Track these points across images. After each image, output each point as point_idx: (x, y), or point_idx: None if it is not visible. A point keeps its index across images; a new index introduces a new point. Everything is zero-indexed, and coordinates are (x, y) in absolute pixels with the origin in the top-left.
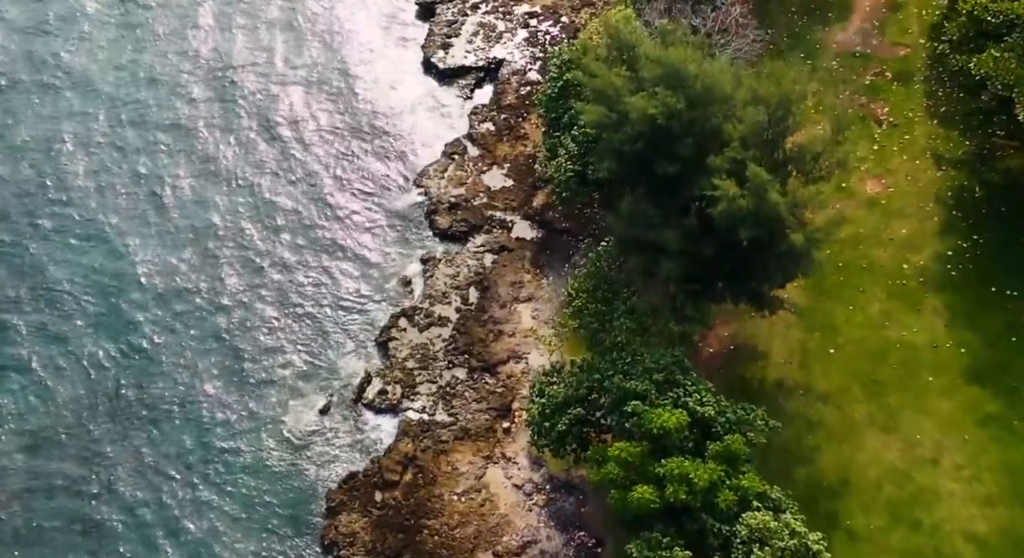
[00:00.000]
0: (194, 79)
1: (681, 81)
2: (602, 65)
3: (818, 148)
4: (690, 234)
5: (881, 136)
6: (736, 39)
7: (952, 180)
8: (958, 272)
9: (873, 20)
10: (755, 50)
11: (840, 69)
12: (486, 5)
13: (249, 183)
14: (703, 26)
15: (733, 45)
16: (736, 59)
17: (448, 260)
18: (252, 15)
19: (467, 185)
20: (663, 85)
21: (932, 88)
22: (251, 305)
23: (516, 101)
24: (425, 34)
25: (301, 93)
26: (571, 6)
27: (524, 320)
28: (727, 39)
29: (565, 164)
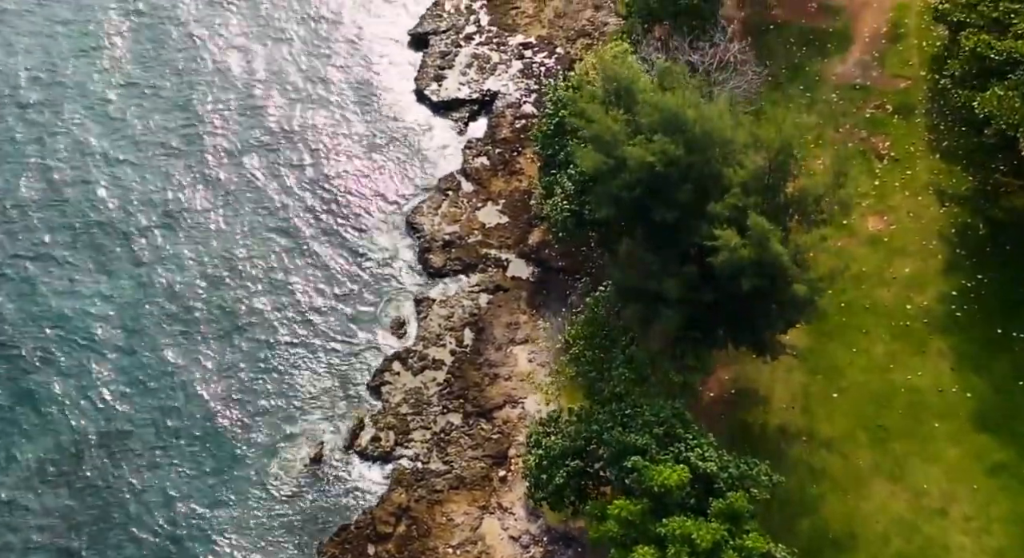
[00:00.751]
0: (176, 121)
1: (679, 126)
2: (598, 108)
3: (819, 191)
4: (690, 282)
5: (882, 171)
6: (735, 77)
7: (955, 217)
8: (963, 313)
9: (873, 51)
10: (755, 87)
11: (840, 102)
12: (480, 36)
13: (233, 221)
14: (701, 63)
15: (732, 83)
16: (735, 97)
17: (442, 301)
18: (243, 46)
19: (461, 222)
20: (661, 131)
21: (934, 121)
22: (237, 347)
23: (511, 135)
24: (418, 66)
25: (289, 128)
26: (566, 37)
27: (520, 363)
28: (726, 76)
29: (561, 203)
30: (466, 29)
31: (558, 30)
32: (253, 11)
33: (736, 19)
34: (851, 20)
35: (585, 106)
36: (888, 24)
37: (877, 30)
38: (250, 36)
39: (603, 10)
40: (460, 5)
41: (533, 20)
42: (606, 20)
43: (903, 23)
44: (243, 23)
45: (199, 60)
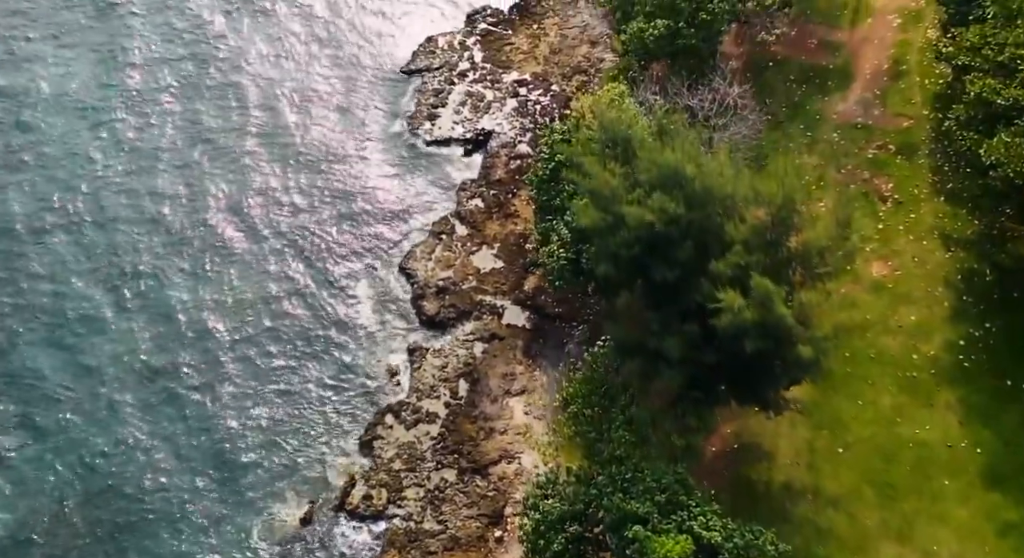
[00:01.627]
0: (165, 164)
1: (679, 182)
2: (595, 161)
3: (823, 243)
4: (691, 341)
5: (886, 214)
6: (735, 122)
7: (961, 262)
8: (971, 363)
9: (874, 89)
10: (756, 131)
11: (841, 142)
12: (474, 73)
13: (221, 267)
14: (700, 108)
15: (732, 128)
16: (736, 144)
17: (436, 350)
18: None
19: (455, 267)
20: (660, 188)
21: (938, 162)
22: (226, 400)
23: (506, 176)
24: (411, 104)
25: (277, 169)
26: (561, 74)
27: (516, 416)
28: (726, 120)
29: (558, 251)
30: (459, 66)
31: (553, 67)
32: (237, 54)
33: (734, 55)
34: (852, 57)
35: (582, 160)
36: (889, 61)
37: (878, 67)
38: (232, 80)
39: (599, 46)
40: (453, 41)
41: (528, 56)
42: (602, 56)
43: (905, 60)
44: (226, 66)
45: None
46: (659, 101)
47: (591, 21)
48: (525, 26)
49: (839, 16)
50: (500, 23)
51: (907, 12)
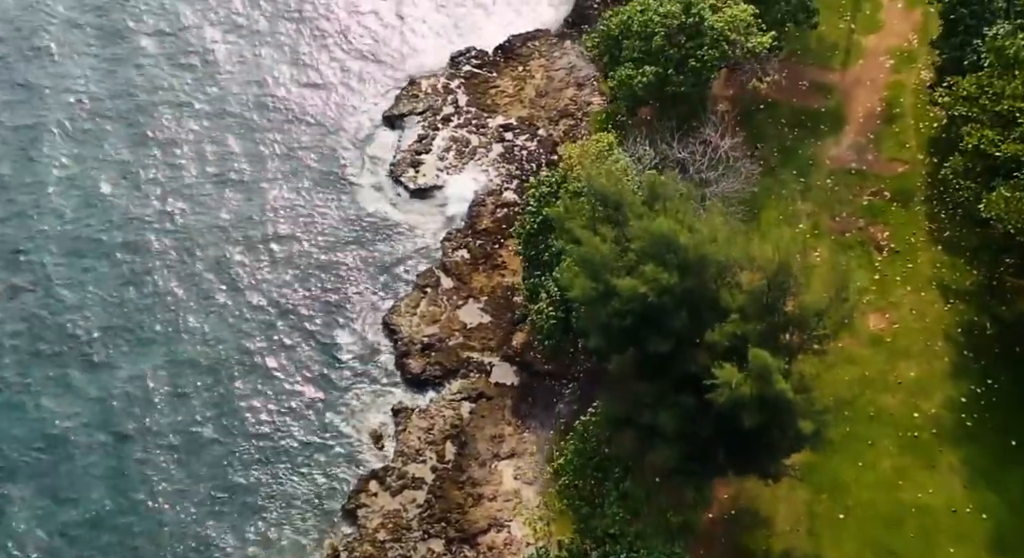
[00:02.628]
0: (140, 216)
1: (672, 250)
2: (584, 225)
3: (821, 306)
4: (687, 414)
5: (882, 264)
6: (728, 175)
7: (961, 315)
8: (973, 422)
9: (868, 133)
10: (749, 184)
11: (835, 188)
12: (458, 117)
13: (197, 325)
14: (692, 162)
15: (725, 183)
16: (729, 199)
17: (422, 410)
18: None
19: (441, 322)
20: (653, 257)
21: (934, 209)
22: (201, 466)
23: (492, 225)
24: (394, 151)
25: (255, 220)
26: (548, 118)
27: (506, 480)
28: (718, 174)
29: (547, 310)
30: (443, 110)
31: (539, 110)
32: (215, 100)
33: (724, 97)
34: (844, 99)
35: (572, 224)
36: (883, 103)
37: (871, 110)
38: (206, 126)
39: (586, 88)
40: (437, 84)
41: (513, 100)
42: (589, 99)
43: (898, 102)
44: (201, 113)
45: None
46: (648, 152)
47: (578, 62)
48: (510, 68)
49: (830, 57)
50: (485, 65)
51: (899, 53)
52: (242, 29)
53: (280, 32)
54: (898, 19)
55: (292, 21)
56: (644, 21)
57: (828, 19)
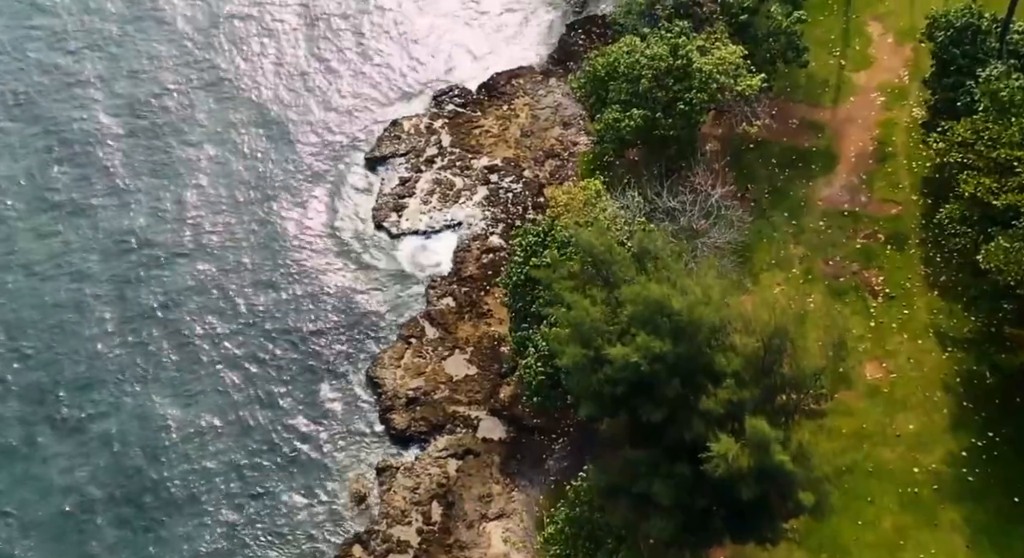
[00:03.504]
0: (104, 272)
1: (665, 315)
2: (574, 288)
3: (819, 366)
4: (683, 484)
5: (878, 310)
6: (719, 226)
7: (960, 363)
8: (975, 477)
9: (860, 173)
10: (741, 236)
11: (828, 230)
12: (442, 159)
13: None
14: (682, 212)
15: (716, 234)
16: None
17: (407, 468)
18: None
19: (426, 374)
20: (645, 324)
21: (929, 253)
22: (178, 530)
23: (477, 271)
24: (376, 194)
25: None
26: (534, 158)
27: (495, 543)
28: (710, 222)
29: (535, 365)
30: (427, 151)
31: (525, 150)
32: (187, 146)
33: (713, 136)
34: (835, 137)
35: (560, 287)
36: (874, 142)
37: (863, 149)
38: (181, 172)
39: (572, 127)
40: (420, 125)
41: (498, 140)
42: (575, 139)
43: (890, 141)
44: (175, 162)
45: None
46: (637, 200)
47: (563, 101)
48: (494, 107)
49: (821, 94)
50: (468, 104)
51: (890, 89)
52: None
53: (257, 73)
54: (888, 54)
55: (270, 62)
56: (631, 63)
57: (818, 55)
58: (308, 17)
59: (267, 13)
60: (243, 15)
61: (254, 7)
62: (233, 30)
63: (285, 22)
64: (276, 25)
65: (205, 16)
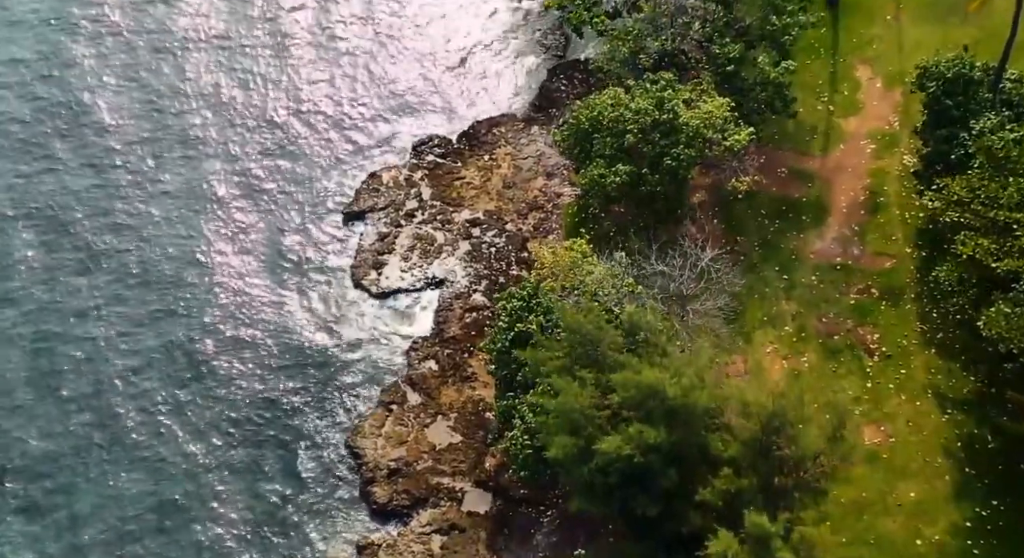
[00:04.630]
0: (58, 334)
1: (659, 400)
2: (561, 371)
3: (819, 446)
4: None
5: (874, 370)
6: (710, 291)
7: (960, 426)
8: (981, 549)
9: (852, 224)
10: (733, 303)
11: (820, 285)
12: (422, 212)
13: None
14: (671, 278)
15: (709, 302)
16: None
17: (389, 546)
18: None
19: (408, 443)
20: (637, 409)
21: (925, 308)
22: None
23: (461, 332)
24: (354, 251)
25: (203, 334)
26: (517, 211)
27: None
28: (701, 287)
29: (521, 438)
30: (407, 205)
31: (508, 202)
32: (157, 205)
33: (701, 186)
34: (825, 187)
35: (548, 370)
36: (866, 192)
37: (855, 199)
38: (155, 233)
39: (555, 178)
40: (399, 177)
41: (480, 192)
42: (559, 190)
43: (882, 190)
44: (148, 217)
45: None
46: (624, 261)
47: (546, 150)
48: (475, 157)
49: (809, 142)
50: (449, 154)
51: (881, 136)
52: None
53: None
54: (878, 99)
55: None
56: (615, 117)
57: (805, 100)
58: (279, 66)
59: (236, 62)
60: (211, 66)
61: (222, 55)
62: (200, 82)
63: (255, 72)
64: (245, 76)
65: (172, 67)
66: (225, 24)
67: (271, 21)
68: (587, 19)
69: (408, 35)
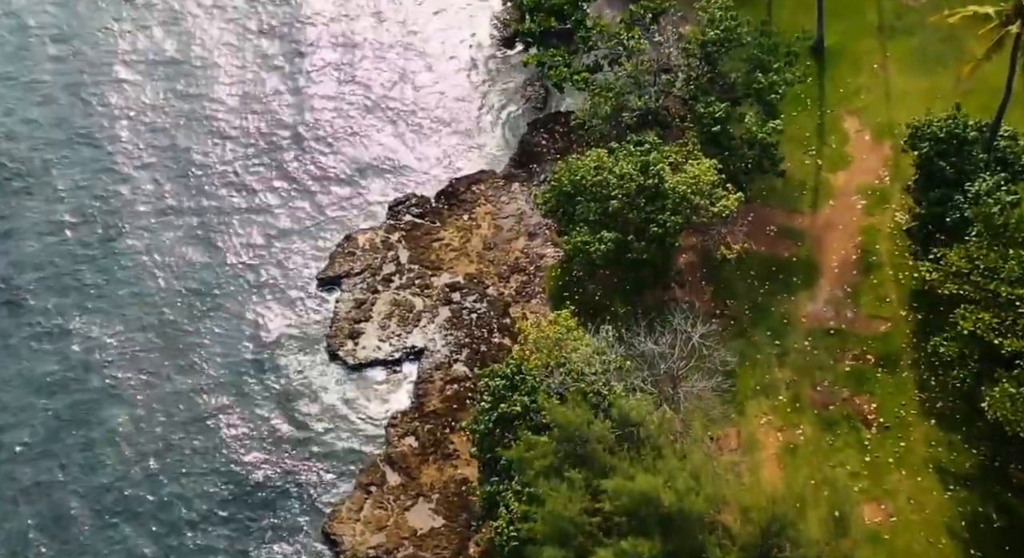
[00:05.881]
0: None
1: (653, 507)
2: (549, 472)
3: (821, 550)
4: None
5: (872, 443)
6: (703, 373)
7: (963, 503)
8: None
9: (844, 285)
10: (725, 383)
11: (814, 351)
12: (400, 277)
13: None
14: (661, 354)
15: (700, 384)
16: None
17: None
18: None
19: (388, 528)
20: (631, 517)
21: (922, 375)
22: None
23: (442, 405)
24: (330, 319)
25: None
26: (498, 274)
27: None
28: (692, 367)
29: (507, 529)
30: (384, 269)
31: (488, 265)
32: (126, 282)
33: (688, 247)
34: (816, 246)
35: (539, 486)
36: (857, 251)
37: (846, 258)
38: (130, 313)
39: (538, 238)
40: (375, 239)
41: (459, 254)
42: (542, 251)
43: (874, 249)
44: (115, 297)
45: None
46: (609, 333)
47: (527, 208)
48: (454, 217)
49: (798, 198)
50: (427, 214)
51: (871, 191)
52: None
53: (193, 190)
54: (867, 152)
55: (208, 178)
56: (599, 181)
57: (793, 154)
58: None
59: (208, 127)
60: (180, 130)
61: (191, 122)
62: (172, 149)
63: (227, 135)
64: (217, 140)
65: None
66: (196, 82)
67: (240, 82)
68: (567, 76)
69: (384, 87)
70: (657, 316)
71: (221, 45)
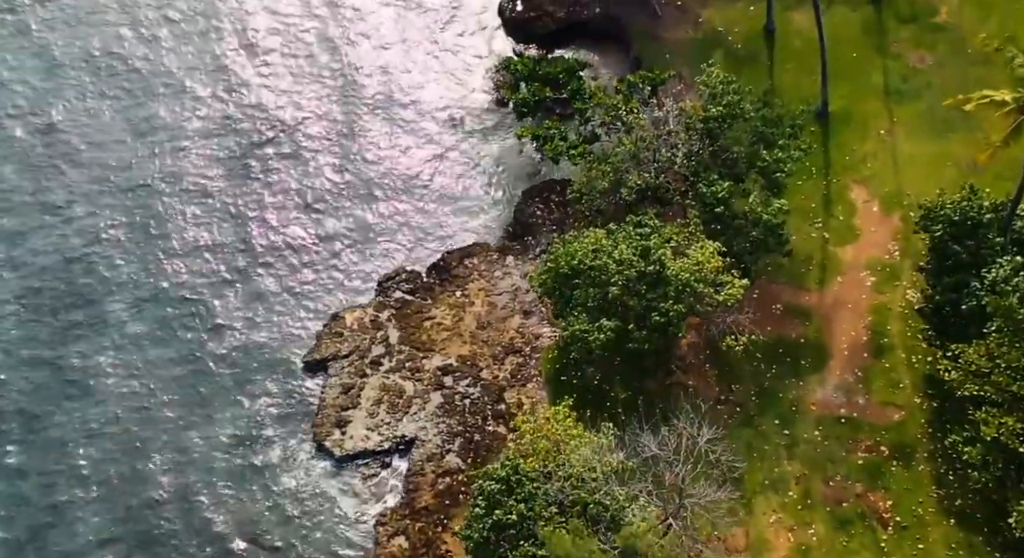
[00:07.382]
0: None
1: None
2: None
3: None
4: None
5: (889, 544)
6: (709, 480)
7: None
8: None
9: (855, 369)
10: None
11: (825, 442)
12: (390, 359)
13: None
14: (666, 460)
15: (706, 494)
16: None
17: None
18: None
19: None
20: None
21: (939, 469)
22: None
23: (434, 501)
24: (315, 406)
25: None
26: (492, 355)
27: None
28: (698, 473)
29: None
30: (372, 351)
31: (482, 346)
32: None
33: (690, 325)
34: (824, 326)
35: None
36: (868, 332)
37: (856, 340)
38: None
39: (533, 316)
40: (364, 318)
41: (452, 334)
42: (538, 331)
43: (885, 330)
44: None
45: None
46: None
47: (522, 284)
48: (447, 293)
49: (805, 274)
50: (417, 290)
51: (880, 267)
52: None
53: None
54: (875, 225)
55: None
56: (598, 266)
57: (799, 227)
58: (232, 190)
59: (188, 196)
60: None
61: (168, 187)
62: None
63: (207, 205)
64: (196, 210)
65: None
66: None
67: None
68: (563, 150)
69: (372, 155)
70: (660, 403)
71: (204, 119)
